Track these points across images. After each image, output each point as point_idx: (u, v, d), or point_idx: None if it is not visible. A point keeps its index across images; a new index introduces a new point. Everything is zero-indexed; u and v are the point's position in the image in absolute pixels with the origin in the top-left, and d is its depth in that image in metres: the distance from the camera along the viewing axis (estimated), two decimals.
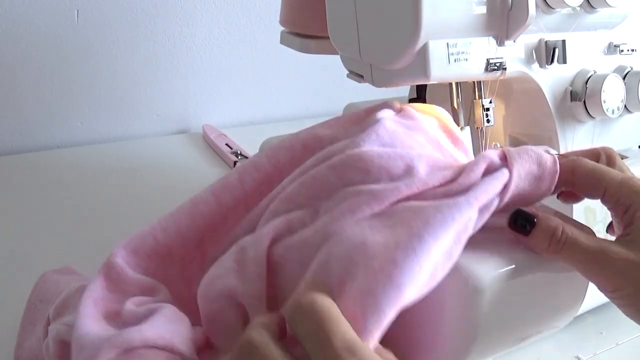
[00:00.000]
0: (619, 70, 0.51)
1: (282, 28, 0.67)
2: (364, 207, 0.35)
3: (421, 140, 0.42)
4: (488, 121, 0.49)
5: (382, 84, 0.49)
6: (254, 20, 0.98)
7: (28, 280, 0.57)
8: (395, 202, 0.35)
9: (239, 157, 0.84)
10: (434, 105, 0.47)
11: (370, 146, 0.39)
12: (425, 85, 0.59)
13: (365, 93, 0.87)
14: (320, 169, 0.39)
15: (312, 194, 0.39)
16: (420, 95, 0.60)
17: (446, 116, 0.46)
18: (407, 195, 0.35)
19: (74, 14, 0.86)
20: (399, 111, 0.45)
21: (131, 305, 0.38)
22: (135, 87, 0.93)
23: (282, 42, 0.67)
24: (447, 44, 0.43)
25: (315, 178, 0.39)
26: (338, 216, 0.35)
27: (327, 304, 0.29)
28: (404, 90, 0.62)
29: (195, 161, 0.86)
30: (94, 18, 0.87)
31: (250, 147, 0.84)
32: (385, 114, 0.44)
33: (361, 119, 0.45)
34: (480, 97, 0.49)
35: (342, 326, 0.28)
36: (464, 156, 0.44)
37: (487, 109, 0.49)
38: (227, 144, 0.89)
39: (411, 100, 0.61)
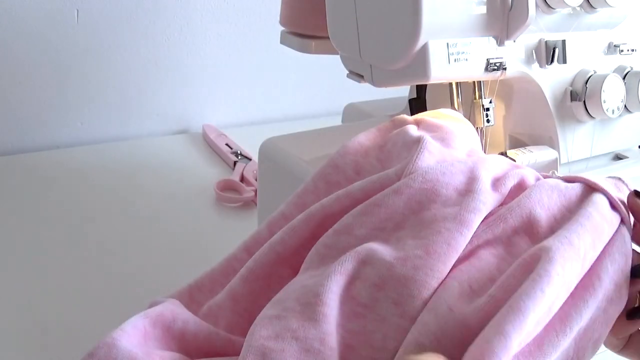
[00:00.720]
0: (619, 70, 0.51)
1: (282, 28, 0.67)
2: (457, 236, 0.34)
3: (458, 147, 0.41)
4: (488, 121, 0.49)
5: (382, 84, 0.49)
6: (254, 20, 0.98)
7: (28, 280, 0.57)
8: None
9: (239, 157, 0.84)
10: (440, 110, 0.47)
11: (427, 165, 0.38)
12: (425, 85, 0.59)
13: (365, 93, 0.86)
14: (383, 197, 0.37)
15: (376, 224, 0.36)
16: (420, 95, 0.60)
17: (457, 115, 0.46)
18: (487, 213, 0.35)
19: (74, 14, 0.86)
20: (418, 124, 0.44)
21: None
22: (135, 87, 0.93)
23: (282, 42, 0.67)
24: (447, 44, 0.43)
25: (378, 206, 0.36)
26: (437, 250, 0.33)
27: None
28: (404, 90, 0.62)
29: (195, 161, 0.86)
30: (94, 18, 0.87)
31: (250, 147, 0.84)
32: (413, 130, 0.42)
33: (381, 143, 0.43)
34: (480, 97, 0.49)
35: None
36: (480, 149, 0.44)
37: (487, 109, 0.49)
38: (227, 144, 0.89)
39: (411, 100, 0.61)
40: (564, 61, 0.49)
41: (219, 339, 0.36)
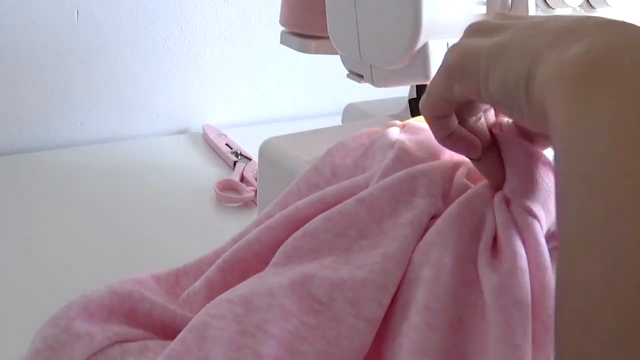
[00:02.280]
0: None
1: (282, 28, 0.67)
2: (411, 239, 0.36)
3: (433, 148, 0.42)
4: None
5: (382, 84, 0.49)
6: (254, 20, 0.98)
7: (28, 280, 0.57)
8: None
9: (239, 157, 0.84)
10: None
11: (395, 173, 0.39)
12: (425, 85, 0.59)
13: (365, 93, 0.86)
14: (348, 205, 0.38)
15: (340, 231, 0.38)
16: (420, 95, 0.60)
17: None
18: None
19: (74, 14, 0.86)
20: (402, 127, 0.45)
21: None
22: (135, 87, 0.93)
23: (282, 42, 0.67)
24: (447, 44, 0.43)
25: (342, 214, 0.38)
26: (393, 255, 0.35)
27: None
28: (404, 90, 0.62)
29: (195, 161, 0.86)
30: (94, 18, 0.87)
31: (250, 147, 0.84)
32: (393, 133, 0.44)
33: (366, 147, 0.45)
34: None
35: None
36: None
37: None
38: (227, 144, 0.89)
39: (411, 100, 0.61)
40: None
41: (183, 322, 0.38)
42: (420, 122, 0.46)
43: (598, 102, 0.23)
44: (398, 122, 0.46)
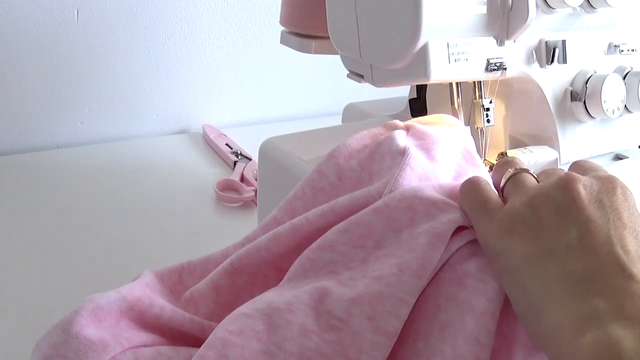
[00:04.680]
0: (619, 70, 0.51)
1: (282, 28, 0.67)
2: (429, 249, 0.35)
3: (441, 158, 0.42)
4: (488, 121, 0.49)
5: (382, 84, 0.49)
6: (254, 20, 0.98)
7: (28, 280, 0.57)
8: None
9: (239, 157, 0.84)
10: (439, 115, 0.47)
11: (409, 182, 0.39)
12: (425, 85, 0.59)
13: (365, 93, 0.87)
14: (364, 215, 0.38)
15: (357, 242, 0.37)
16: (420, 95, 0.60)
17: (453, 121, 0.46)
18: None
19: (74, 14, 0.86)
20: (407, 130, 0.45)
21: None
22: (135, 87, 0.93)
23: (282, 42, 0.67)
24: (447, 44, 0.43)
25: (359, 225, 0.37)
26: (410, 266, 0.35)
27: None
28: (404, 90, 0.62)
29: (195, 161, 0.86)
30: (94, 18, 0.87)
31: (250, 147, 0.84)
32: (400, 137, 0.43)
33: (371, 149, 0.44)
34: (480, 97, 0.49)
35: None
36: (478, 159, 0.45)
37: (487, 109, 0.49)
38: (227, 144, 0.89)
39: (411, 100, 0.61)
40: (564, 61, 0.49)
41: (192, 326, 0.38)
42: (427, 122, 0.45)
43: None
44: (400, 123, 0.46)
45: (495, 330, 0.33)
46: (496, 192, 0.37)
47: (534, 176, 0.37)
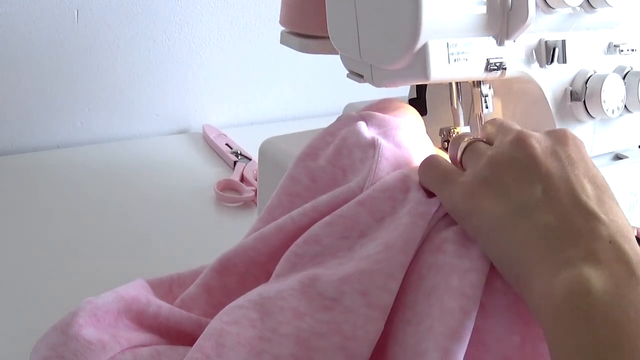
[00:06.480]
0: (619, 70, 0.51)
1: (282, 28, 0.67)
2: (412, 227, 0.36)
3: (405, 143, 0.44)
4: (487, 107, 0.49)
5: (382, 84, 0.49)
6: (254, 20, 0.98)
7: (27, 280, 0.57)
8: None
9: (239, 157, 0.84)
10: (382, 99, 0.49)
11: (387, 173, 0.41)
12: (425, 85, 0.59)
13: (365, 93, 0.86)
14: (348, 208, 0.39)
15: (342, 233, 0.38)
16: (420, 95, 0.60)
17: (400, 105, 0.48)
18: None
19: (74, 14, 0.86)
20: (365, 120, 0.46)
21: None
22: (135, 87, 0.93)
23: (282, 42, 0.67)
24: (447, 44, 0.43)
25: (343, 217, 0.39)
26: (396, 243, 0.36)
27: None
28: (404, 90, 0.62)
29: (195, 161, 0.86)
30: (94, 18, 0.87)
31: (250, 147, 0.84)
32: (364, 129, 0.44)
33: (330, 141, 0.45)
34: (478, 86, 0.49)
35: None
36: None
37: (486, 95, 0.49)
38: (227, 144, 0.89)
39: (411, 100, 0.61)
40: (564, 61, 0.49)
41: (190, 323, 0.38)
42: (376, 110, 0.47)
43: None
44: (353, 114, 0.47)
45: (483, 283, 0.33)
46: (454, 165, 0.39)
47: (487, 144, 0.38)
